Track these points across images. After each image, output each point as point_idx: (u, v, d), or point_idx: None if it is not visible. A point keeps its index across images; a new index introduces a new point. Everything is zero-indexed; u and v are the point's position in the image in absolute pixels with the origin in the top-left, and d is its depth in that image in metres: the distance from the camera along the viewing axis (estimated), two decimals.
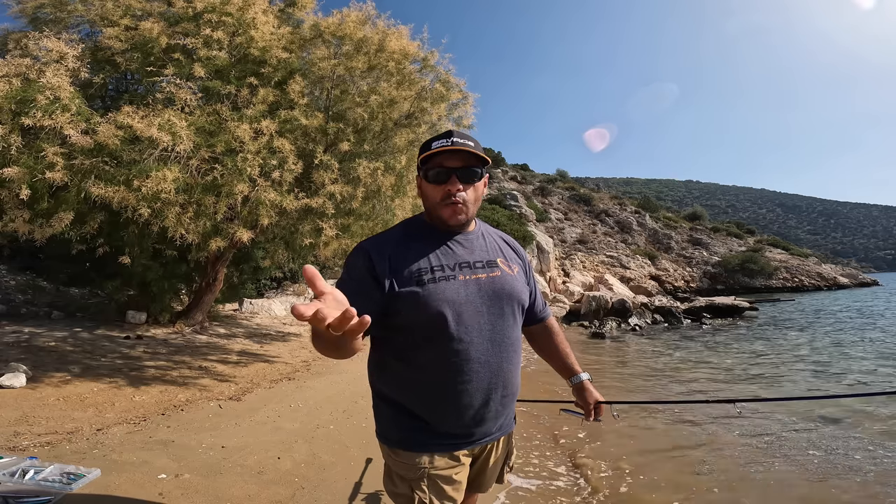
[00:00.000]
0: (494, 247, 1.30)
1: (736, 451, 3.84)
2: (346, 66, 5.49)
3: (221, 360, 5.95)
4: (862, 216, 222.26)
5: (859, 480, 3.29)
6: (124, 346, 5.96)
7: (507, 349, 1.20)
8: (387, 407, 1.21)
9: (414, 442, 1.16)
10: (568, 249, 30.48)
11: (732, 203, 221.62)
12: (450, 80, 6.20)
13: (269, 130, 4.82)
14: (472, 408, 1.16)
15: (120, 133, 4.19)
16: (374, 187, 5.58)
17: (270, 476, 2.70)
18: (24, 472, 2.24)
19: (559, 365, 1.50)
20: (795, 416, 4.79)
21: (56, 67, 4.32)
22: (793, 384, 6.75)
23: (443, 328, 1.11)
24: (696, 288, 31.34)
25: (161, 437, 3.13)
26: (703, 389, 6.50)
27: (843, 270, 46.28)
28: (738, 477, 3.33)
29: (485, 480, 1.33)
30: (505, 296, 1.21)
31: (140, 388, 4.36)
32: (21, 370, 4.13)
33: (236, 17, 5.38)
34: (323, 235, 5.33)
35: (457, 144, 1.15)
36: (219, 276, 7.46)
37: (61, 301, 8.24)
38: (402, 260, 1.15)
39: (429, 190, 1.20)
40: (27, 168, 3.98)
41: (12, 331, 5.85)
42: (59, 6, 5.80)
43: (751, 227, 57.57)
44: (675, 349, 10.40)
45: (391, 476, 1.21)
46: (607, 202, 42.79)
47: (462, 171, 1.17)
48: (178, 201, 4.40)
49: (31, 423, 3.20)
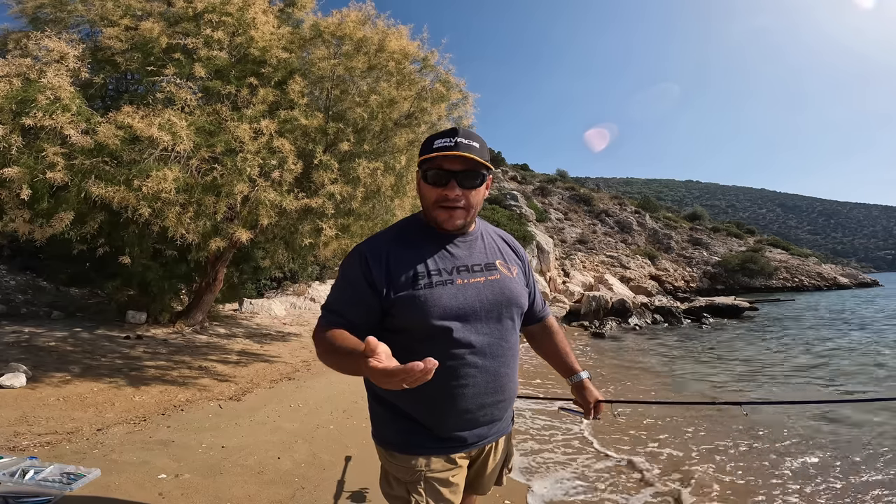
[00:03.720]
0: (493, 248, 1.27)
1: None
2: (346, 66, 5.49)
3: (221, 360, 5.95)
4: (862, 216, 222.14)
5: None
6: (124, 346, 5.96)
7: (504, 353, 1.19)
8: (383, 409, 1.20)
9: (410, 444, 1.15)
10: (568, 249, 30.48)
11: (732, 203, 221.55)
12: (450, 80, 6.20)
13: (269, 130, 4.82)
14: (469, 412, 1.15)
15: (120, 133, 4.20)
16: (374, 187, 5.58)
17: (270, 476, 2.70)
18: (24, 472, 2.24)
19: (559, 364, 1.49)
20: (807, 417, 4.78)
21: (56, 67, 4.33)
22: (795, 385, 6.75)
23: (440, 332, 1.10)
24: (696, 288, 31.33)
25: (161, 437, 3.13)
26: (703, 390, 6.50)
27: (843, 270, 46.27)
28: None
29: (483, 482, 1.32)
30: (504, 300, 1.19)
31: (140, 388, 4.36)
32: (21, 370, 4.13)
33: (236, 17, 5.38)
34: (323, 235, 5.33)
35: (460, 147, 1.09)
36: (219, 276, 7.45)
37: (61, 301, 8.24)
38: (398, 263, 1.12)
39: (426, 191, 1.16)
40: (27, 168, 3.98)
41: (12, 331, 5.85)
42: (59, 6, 5.80)
43: (751, 227, 57.56)
44: (676, 349, 10.40)
45: (387, 478, 1.19)
46: (607, 202, 42.77)
47: (462, 175, 1.11)
48: (178, 201, 4.40)
49: (31, 423, 3.20)
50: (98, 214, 4.87)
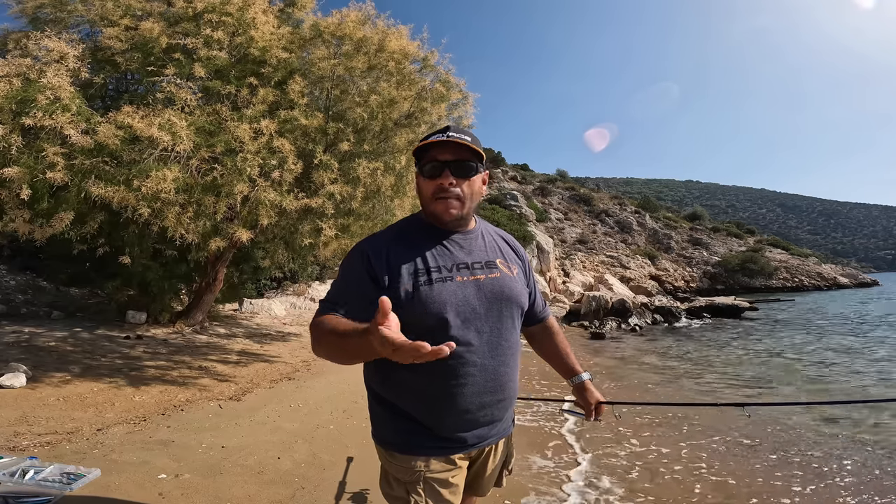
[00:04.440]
0: (494, 247, 1.28)
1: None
2: (346, 65, 5.49)
3: (221, 360, 5.95)
4: (862, 216, 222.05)
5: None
6: (124, 346, 5.96)
7: (504, 352, 1.19)
8: (382, 409, 1.20)
9: (410, 445, 1.15)
10: (568, 249, 30.48)
11: (732, 203, 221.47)
12: (450, 80, 6.20)
13: (269, 130, 4.82)
14: (469, 411, 1.14)
15: (120, 133, 4.20)
16: (374, 187, 5.58)
17: (270, 476, 2.70)
18: (24, 472, 2.24)
19: (560, 365, 1.48)
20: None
21: (56, 67, 4.33)
22: (796, 385, 6.75)
23: (439, 330, 1.09)
24: (696, 288, 31.34)
25: (161, 437, 3.13)
26: (704, 390, 6.50)
27: (843, 270, 46.29)
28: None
29: (483, 483, 1.31)
30: (504, 298, 1.19)
31: (140, 388, 4.36)
32: (21, 370, 4.13)
33: (236, 17, 5.38)
34: (323, 235, 5.33)
35: (451, 138, 1.13)
36: (219, 276, 7.46)
37: (61, 301, 8.24)
38: (399, 260, 1.13)
39: (424, 185, 1.18)
40: (27, 168, 3.98)
41: (12, 331, 5.85)
42: (59, 6, 5.80)
43: (751, 227, 57.55)
44: (676, 349, 10.40)
45: (387, 478, 1.20)
46: (607, 202, 42.78)
47: (455, 164, 1.14)
48: (177, 201, 4.40)
49: (31, 423, 3.20)
50: (98, 214, 4.87)
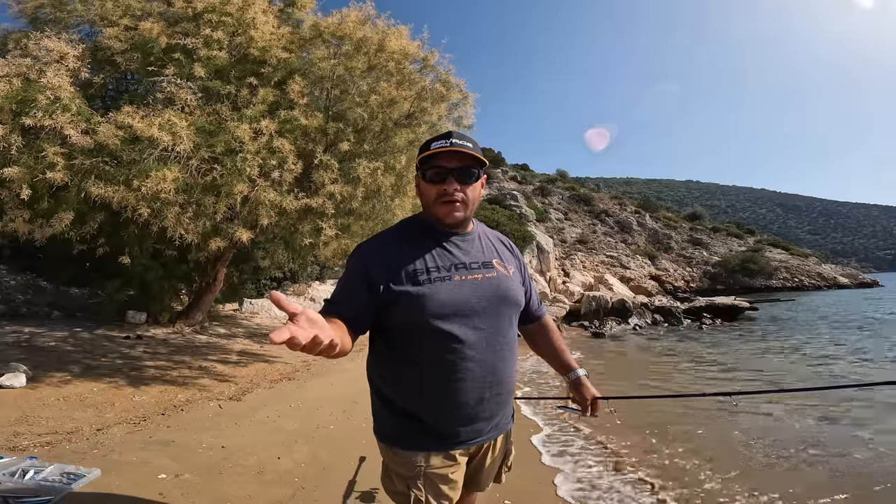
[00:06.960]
0: (490, 248, 1.32)
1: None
2: (346, 66, 5.50)
3: (221, 360, 5.96)
4: (862, 216, 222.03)
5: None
6: (124, 346, 5.96)
7: (502, 349, 1.22)
8: (384, 405, 1.24)
9: (410, 441, 1.19)
10: (568, 249, 30.47)
11: (732, 203, 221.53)
12: (450, 80, 6.21)
13: (269, 130, 4.82)
14: (467, 406, 1.18)
15: (120, 133, 4.20)
16: (374, 187, 5.59)
17: (270, 476, 2.70)
18: (24, 472, 2.24)
19: (556, 362, 1.51)
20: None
21: (56, 67, 4.33)
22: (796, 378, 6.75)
23: (438, 328, 1.13)
24: (696, 288, 31.31)
25: (161, 437, 3.13)
26: (703, 388, 6.50)
27: (843, 270, 46.30)
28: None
29: (482, 479, 1.34)
30: (500, 297, 1.23)
31: (140, 388, 4.36)
32: (21, 370, 4.13)
33: (236, 17, 5.38)
34: (323, 235, 5.33)
35: (455, 146, 1.17)
36: (219, 276, 7.46)
37: (61, 301, 8.24)
38: (398, 260, 1.17)
39: (426, 189, 1.23)
40: (27, 168, 3.98)
41: (12, 331, 5.85)
42: (59, 6, 5.81)
43: (751, 227, 57.60)
44: (676, 349, 10.40)
45: (389, 474, 1.24)
46: (607, 202, 42.77)
47: (459, 171, 1.19)
48: (177, 201, 4.41)
49: (31, 423, 3.20)
50: (98, 214, 4.87)
